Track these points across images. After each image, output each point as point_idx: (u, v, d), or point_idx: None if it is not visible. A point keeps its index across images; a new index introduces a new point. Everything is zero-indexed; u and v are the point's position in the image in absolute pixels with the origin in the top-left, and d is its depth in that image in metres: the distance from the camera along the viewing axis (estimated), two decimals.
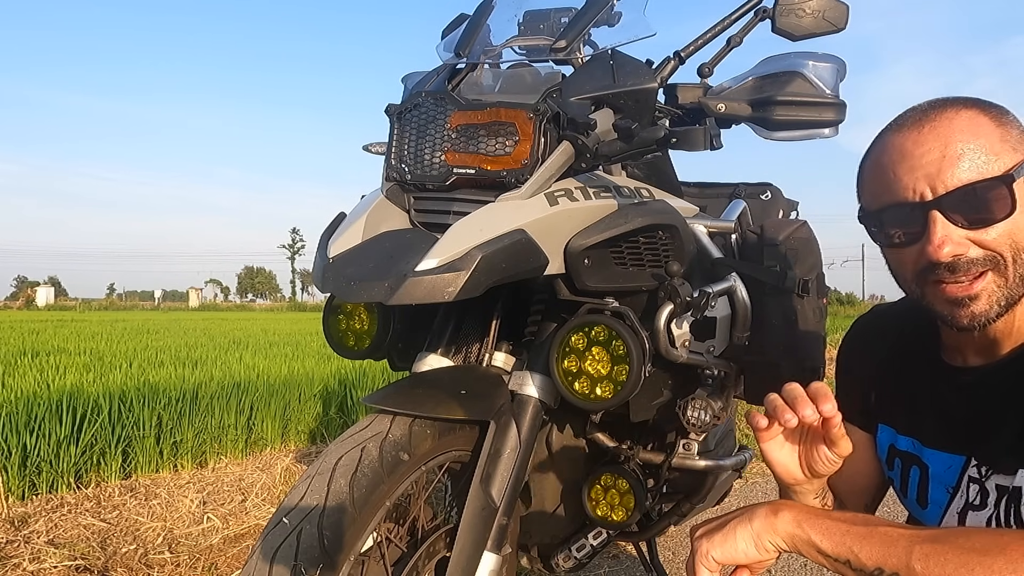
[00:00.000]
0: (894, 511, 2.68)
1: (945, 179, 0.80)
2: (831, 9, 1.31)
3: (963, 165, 0.79)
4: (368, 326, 1.37)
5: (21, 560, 2.26)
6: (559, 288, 1.20)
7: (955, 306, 0.83)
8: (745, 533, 0.79)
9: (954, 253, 0.80)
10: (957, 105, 0.84)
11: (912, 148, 0.82)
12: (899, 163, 0.83)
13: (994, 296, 0.81)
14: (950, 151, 0.80)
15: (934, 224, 0.80)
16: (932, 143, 0.81)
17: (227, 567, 2.37)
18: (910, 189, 0.82)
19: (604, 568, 2.40)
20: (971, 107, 0.83)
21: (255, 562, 0.93)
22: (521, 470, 1.17)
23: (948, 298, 0.83)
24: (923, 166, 0.81)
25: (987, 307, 0.81)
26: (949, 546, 0.67)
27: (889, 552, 0.70)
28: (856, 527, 0.73)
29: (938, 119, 0.83)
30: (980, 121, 0.82)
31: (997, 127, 0.82)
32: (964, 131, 0.81)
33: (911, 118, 0.85)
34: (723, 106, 1.36)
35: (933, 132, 0.82)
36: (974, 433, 0.89)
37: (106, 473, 3.17)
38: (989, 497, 0.87)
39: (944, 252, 0.80)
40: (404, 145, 1.18)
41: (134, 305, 62.31)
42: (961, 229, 0.80)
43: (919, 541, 0.69)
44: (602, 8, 1.30)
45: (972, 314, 0.82)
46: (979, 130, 0.81)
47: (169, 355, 6.28)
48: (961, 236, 0.80)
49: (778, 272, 1.31)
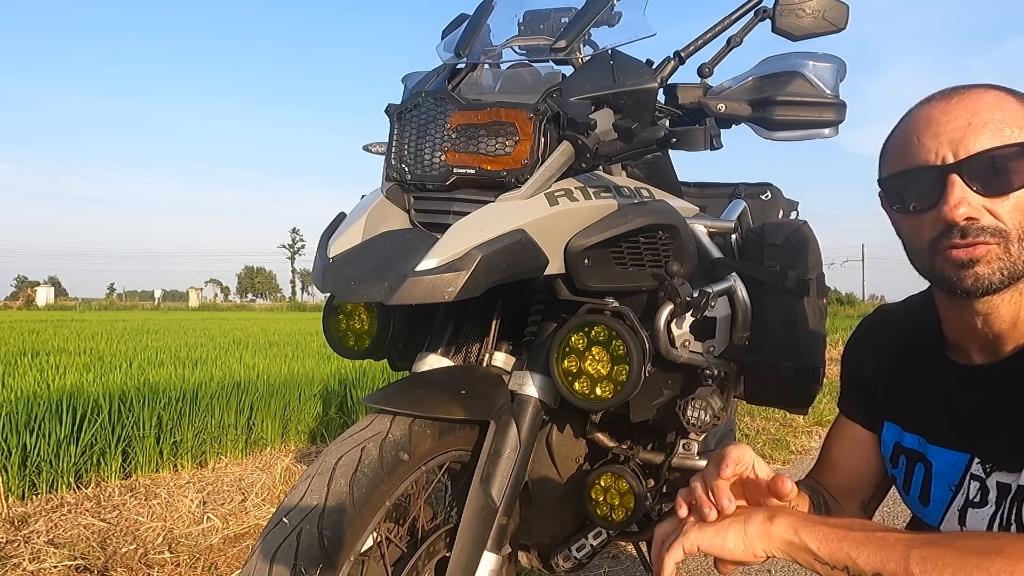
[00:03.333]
0: (895, 511, 2.68)
1: (968, 144, 0.82)
2: (831, 9, 1.31)
3: (987, 133, 0.82)
4: (368, 326, 1.37)
5: (21, 560, 2.26)
6: (559, 288, 1.20)
7: (961, 268, 0.84)
8: (737, 533, 0.79)
9: (968, 215, 0.82)
10: (986, 86, 0.87)
11: (939, 116, 0.85)
12: (924, 130, 0.86)
13: (996, 263, 0.83)
14: (976, 119, 0.83)
15: (952, 187, 0.83)
16: (959, 111, 0.84)
17: (227, 567, 2.37)
18: (933, 153, 0.84)
19: (604, 568, 2.40)
20: (999, 89, 0.87)
21: (255, 562, 0.93)
22: (521, 470, 1.17)
23: (955, 261, 0.85)
24: (948, 132, 0.84)
25: (990, 271, 0.83)
26: (947, 549, 0.67)
27: (887, 556, 0.69)
28: (853, 532, 0.73)
29: (967, 94, 0.86)
30: (1007, 100, 0.85)
31: (1022, 108, 0.85)
32: (991, 105, 0.84)
33: (939, 94, 0.88)
34: (723, 106, 1.36)
35: (961, 103, 0.85)
36: (979, 431, 0.90)
37: (106, 473, 3.17)
38: (989, 495, 0.87)
39: (959, 212, 0.82)
40: (404, 145, 1.18)
41: (134, 305, 62.33)
42: (978, 196, 0.82)
43: (916, 545, 0.69)
44: (602, 8, 1.30)
45: (976, 275, 0.84)
46: (1006, 106, 0.84)
47: (169, 355, 6.28)
48: (978, 202, 0.82)
49: (778, 272, 1.31)
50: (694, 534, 0.80)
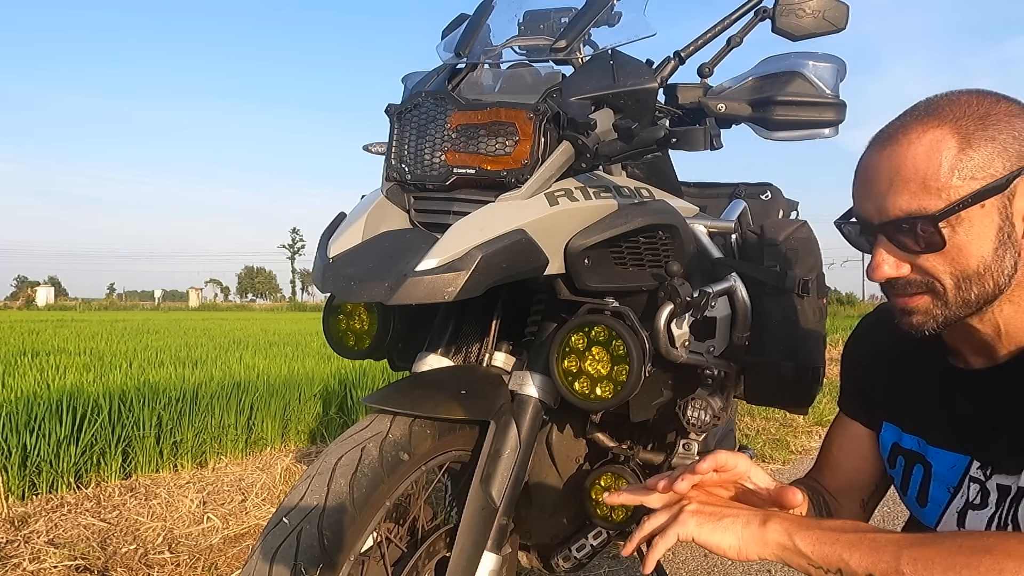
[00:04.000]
0: (894, 511, 2.68)
1: (888, 207, 0.83)
2: (831, 9, 1.31)
3: (905, 196, 0.82)
4: (368, 326, 1.37)
5: (21, 560, 2.26)
6: (559, 288, 1.20)
7: (902, 314, 0.88)
8: (734, 534, 0.78)
9: (888, 276, 0.86)
10: (927, 124, 0.82)
11: (871, 170, 0.86)
12: (860, 184, 0.88)
13: (930, 313, 0.86)
14: (899, 177, 0.82)
15: (877, 246, 0.86)
16: (885, 168, 0.84)
17: (227, 567, 2.37)
18: (864, 208, 0.87)
19: (604, 568, 2.40)
20: (942, 125, 0.81)
21: (255, 562, 0.93)
22: (521, 470, 1.17)
23: (898, 307, 0.89)
24: (875, 192, 0.85)
25: (924, 320, 0.86)
26: (937, 549, 0.68)
27: (878, 558, 0.70)
28: (846, 535, 0.73)
29: (900, 142, 0.83)
30: (939, 148, 0.80)
31: (958, 152, 0.79)
32: (921, 156, 0.81)
33: (881, 136, 0.87)
34: (723, 106, 1.36)
35: (889, 158, 0.83)
36: (978, 433, 0.90)
37: (106, 473, 3.17)
38: (990, 497, 0.87)
39: (876, 275, 0.86)
40: (404, 145, 1.18)
41: (134, 305, 62.32)
42: (902, 251, 0.84)
43: (907, 545, 0.69)
44: (602, 8, 1.30)
45: (911, 323, 0.87)
46: (933, 158, 0.80)
47: (169, 355, 6.28)
48: (902, 258, 0.85)
49: (778, 272, 1.31)
50: (692, 524, 0.79)
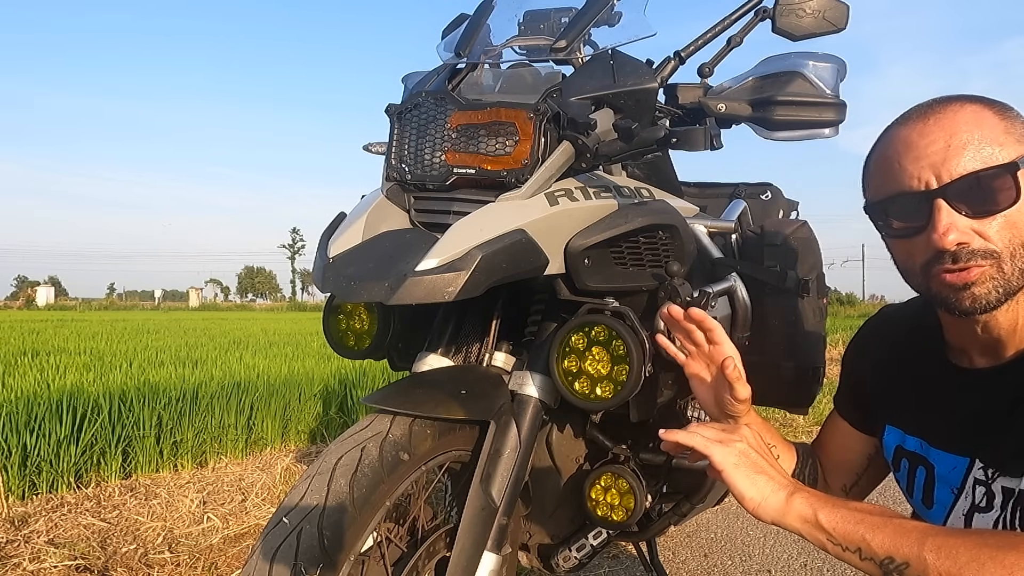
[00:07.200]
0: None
1: (950, 168, 0.81)
2: (831, 9, 1.31)
3: (967, 155, 0.80)
4: (368, 326, 1.37)
5: (21, 560, 2.26)
6: (559, 288, 1.19)
7: (957, 291, 0.84)
8: (760, 490, 0.80)
9: (959, 241, 0.81)
10: (961, 100, 0.85)
11: (917, 139, 0.83)
12: (904, 154, 0.84)
13: (991, 283, 0.82)
14: (955, 141, 0.81)
15: (939, 212, 0.81)
16: (937, 133, 0.82)
17: (227, 567, 2.37)
18: (915, 178, 0.83)
19: (604, 568, 2.39)
20: (975, 102, 0.84)
21: (255, 562, 0.93)
22: (521, 470, 1.17)
23: (951, 284, 0.84)
24: (928, 155, 0.82)
25: (986, 291, 0.82)
26: (962, 540, 0.68)
27: (901, 542, 0.70)
28: (871, 517, 0.74)
29: (943, 112, 0.84)
30: (984, 114, 0.83)
31: (1001, 120, 0.83)
32: (968, 122, 0.82)
33: (915, 112, 0.87)
34: (723, 106, 1.36)
35: (938, 124, 0.83)
36: (980, 435, 0.89)
37: (106, 473, 3.17)
38: (995, 499, 0.87)
39: (949, 239, 0.81)
40: (404, 145, 1.18)
41: (134, 305, 62.28)
42: (965, 218, 0.81)
43: (932, 534, 0.70)
44: (602, 8, 1.30)
45: (973, 296, 0.83)
46: (983, 122, 0.82)
47: (169, 355, 6.28)
48: (965, 225, 0.81)
49: (778, 272, 1.31)
50: (732, 459, 0.82)
